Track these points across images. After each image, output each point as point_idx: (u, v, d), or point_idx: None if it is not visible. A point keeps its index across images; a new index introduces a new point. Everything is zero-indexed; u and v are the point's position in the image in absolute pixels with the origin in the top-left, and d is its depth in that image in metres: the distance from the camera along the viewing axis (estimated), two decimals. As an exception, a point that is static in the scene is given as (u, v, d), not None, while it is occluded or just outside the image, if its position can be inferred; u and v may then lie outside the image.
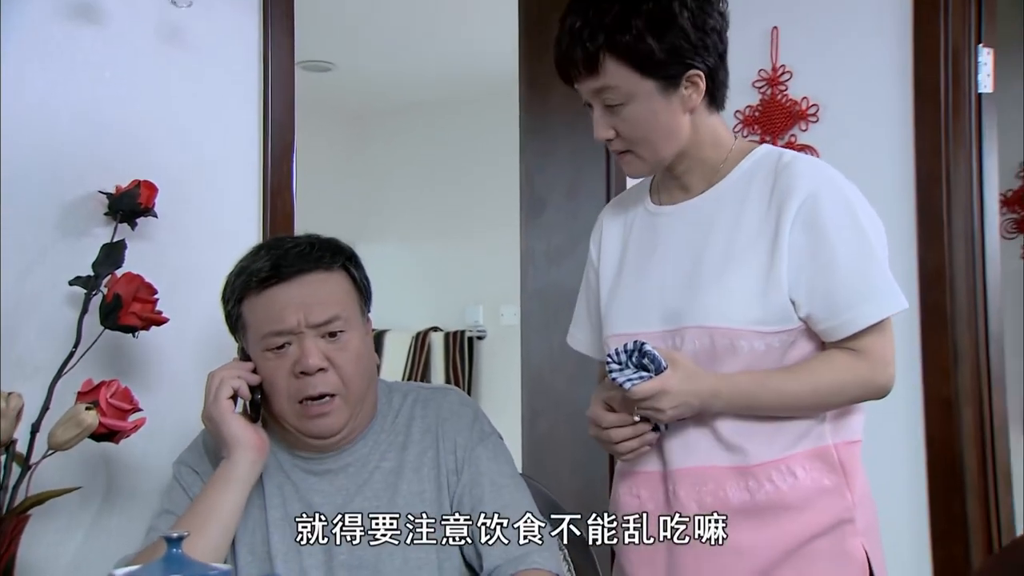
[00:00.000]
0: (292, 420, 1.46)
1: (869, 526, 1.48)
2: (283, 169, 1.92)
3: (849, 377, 1.42)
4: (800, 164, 1.46)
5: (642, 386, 1.38)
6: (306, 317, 1.43)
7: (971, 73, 2.30)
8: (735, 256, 1.45)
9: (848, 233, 1.41)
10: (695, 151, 1.50)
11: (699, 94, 1.45)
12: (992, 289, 2.31)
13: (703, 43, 1.42)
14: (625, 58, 1.40)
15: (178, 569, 1.04)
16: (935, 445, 2.26)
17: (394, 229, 5.26)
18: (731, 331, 1.42)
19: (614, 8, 1.40)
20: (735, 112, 2.58)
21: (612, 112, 1.45)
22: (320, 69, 4.69)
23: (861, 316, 1.40)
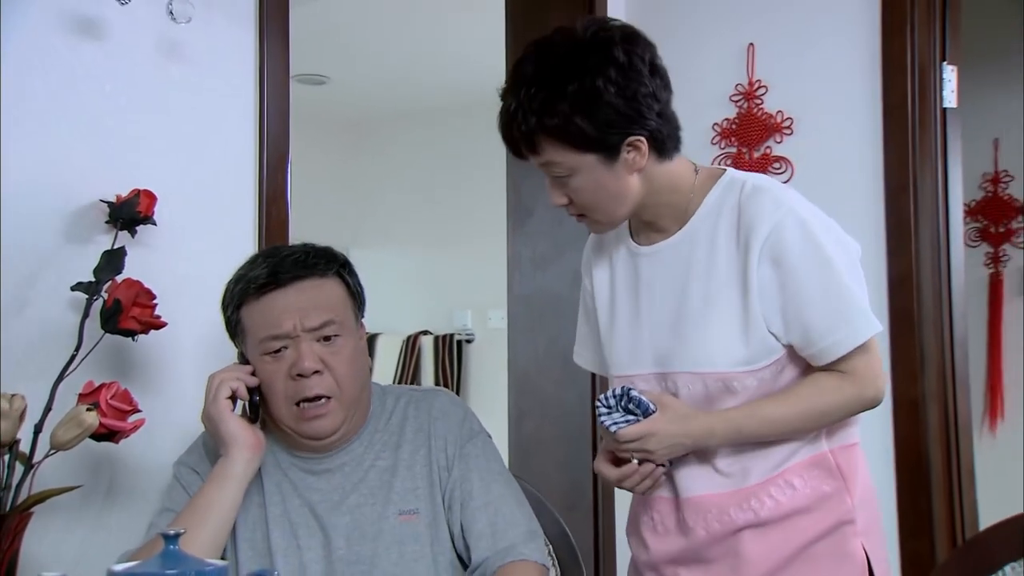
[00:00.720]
0: (289, 422, 1.49)
1: (870, 526, 1.50)
2: (278, 178, 1.95)
3: (837, 397, 1.43)
4: (761, 197, 1.44)
5: (627, 430, 1.41)
6: (302, 321, 1.47)
7: (936, 89, 2.35)
8: (712, 298, 1.45)
9: (813, 263, 1.40)
10: (655, 199, 1.48)
11: (643, 155, 1.42)
12: (957, 295, 2.37)
13: (636, 111, 1.39)
14: (559, 138, 1.39)
15: (175, 565, 1.06)
16: (903, 444, 2.30)
17: (386, 236, 5.30)
18: (721, 375, 1.44)
19: (541, 93, 1.37)
20: (713, 124, 2.65)
21: (561, 182, 1.44)
22: (315, 82, 4.75)
23: (836, 345, 1.41)
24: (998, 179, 3.88)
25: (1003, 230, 3.85)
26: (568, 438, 2.76)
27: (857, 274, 1.46)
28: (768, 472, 1.47)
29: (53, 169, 1.64)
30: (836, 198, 2.49)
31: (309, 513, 1.50)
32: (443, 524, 1.52)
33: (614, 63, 1.38)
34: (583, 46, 1.39)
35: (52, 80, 1.65)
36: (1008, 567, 1.13)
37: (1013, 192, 3.84)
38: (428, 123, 5.12)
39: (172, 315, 1.62)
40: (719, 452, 1.48)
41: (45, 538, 1.56)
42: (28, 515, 1.40)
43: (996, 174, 3.88)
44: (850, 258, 1.46)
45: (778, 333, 1.43)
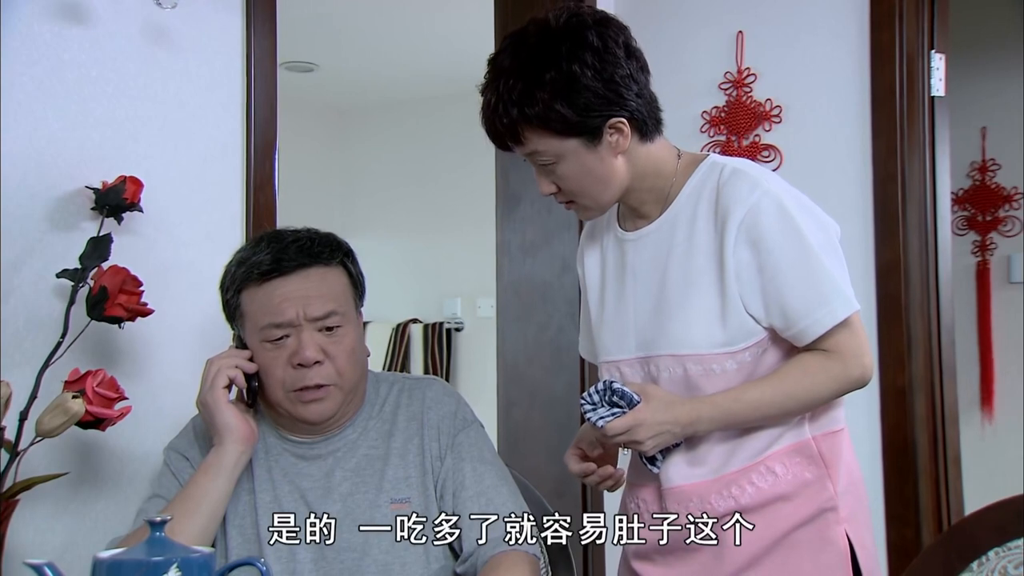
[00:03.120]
0: (287, 407, 1.49)
1: (854, 513, 1.50)
2: (266, 165, 1.95)
3: (823, 377, 1.43)
4: (738, 180, 1.45)
5: (614, 423, 1.41)
6: (305, 311, 1.46)
7: (924, 77, 2.37)
8: (692, 281, 1.46)
9: (789, 243, 1.41)
10: (639, 183, 1.49)
11: (625, 137, 1.44)
12: (944, 283, 2.38)
13: (615, 92, 1.40)
14: (541, 126, 1.40)
15: (161, 552, 1.07)
16: (890, 431, 2.32)
17: (375, 224, 5.29)
18: (701, 357, 1.45)
19: (520, 84, 1.39)
20: (702, 112, 2.65)
21: (548, 170, 1.46)
22: (303, 69, 4.74)
23: (816, 324, 1.41)
24: (986, 167, 3.89)
25: (990, 218, 3.87)
26: (557, 426, 2.76)
27: (836, 254, 1.46)
28: (749, 459, 1.48)
29: (38, 155, 1.63)
30: (825, 186, 2.51)
31: (299, 500, 1.50)
32: (435, 513, 1.51)
33: (589, 47, 1.39)
34: (557, 34, 1.40)
35: (37, 66, 1.64)
36: (992, 552, 1.14)
37: (1000, 180, 3.87)
38: (417, 111, 5.11)
39: (159, 302, 1.62)
40: (700, 441, 1.48)
41: (31, 526, 1.56)
42: (14, 503, 1.40)
43: (984, 162, 3.90)
44: (829, 238, 1.47)
45: (757, 315, 1.44)
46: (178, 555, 1.08)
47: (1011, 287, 3.83)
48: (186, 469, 1.51)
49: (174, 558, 1.07)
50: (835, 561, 1.46)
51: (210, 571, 1.09)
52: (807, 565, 1.46)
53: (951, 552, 1.18)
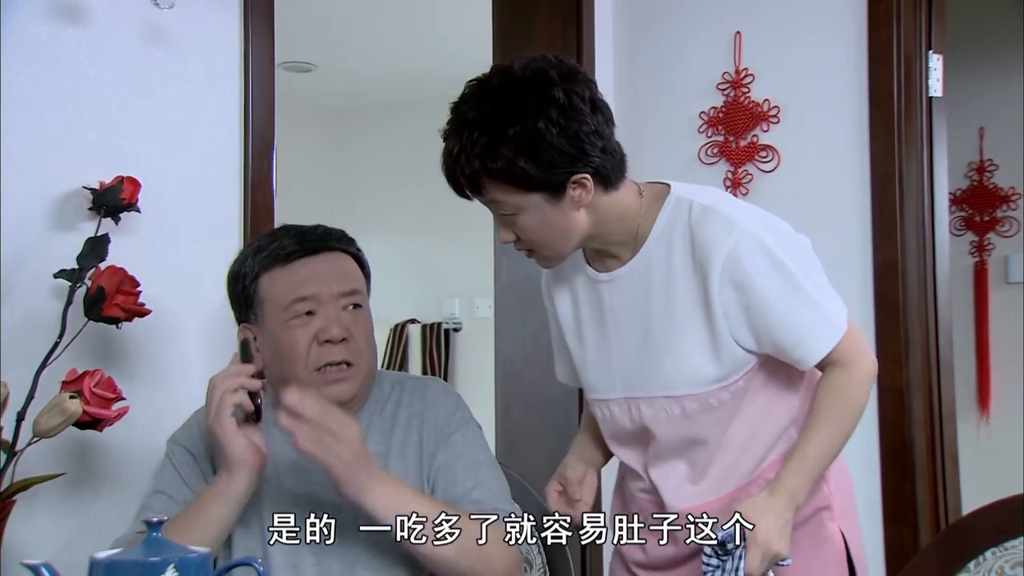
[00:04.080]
0: (309, 388, 1.45)
1: (845, 508, 1.55)
2: (263, 165, 1.95)
3: (852, 387, 1.45)
4: (711, 221, 1.44)
5: (750, 564, 1.35)
6: (331, 287, 1.50)
7: (922, 78, 2.37)
8: (678, 322, 1.47)
9: (775, 281, 1.42)
10: (603, 228, 1.48)
11: (588, 192, 1.42)
12: (942, 283, 2.39)
13: (580, 149, 1.38)
14: (503, 181, 1.39)
15: (158, 552, 1.07)
16: (887, 431, 2.33)
17: (373, 224, 5.28)
18: (697, 396, 1.48)
19: (484, 137, 1.37)
20: (699, 113, 2.65)
21: (508, 220, 1.45)
22: (302, 70, 4.74)
23: (810, 354, 1.45)
24: (983, 168, 3.89)
25: (988, 219, 3.87)
26: (554, 427, 2.76)
27: (815, 269, 1.48)
28: (747, 474, 1.51)
29: (35, 156, 1.63)
30: (822, 186, 2.52)
31: (305, 493, 1.50)
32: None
33: (555, 104, 1.37)
34: (522, 86, 1.38)
35: (35, 66, 1.64)
36: (989, 552, 1.14)
37: (998, 181, 3.87)
38: (415, 111, 5.10)
39: (156, 302, 1.62)
40: (698, 466, 1.51)
41: (28, 526, 1.55)
42: (11, 503, 1.39)
43: (981, 163, 3.90)
44: (806, 257, 1.48)
45: (750, 347, 1.46)
46: (175, 555, 1.08)
47: (1009, 287, 3.83)
48: (189, 463, 1.51)
49: (171, 558, 1.07)
50: (831, 556, 1.51)
51: (207, 571, 1.09)
52: (807, 564, 1.48)
53: (948, 552, 1.18)
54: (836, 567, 1.51)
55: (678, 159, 2.67)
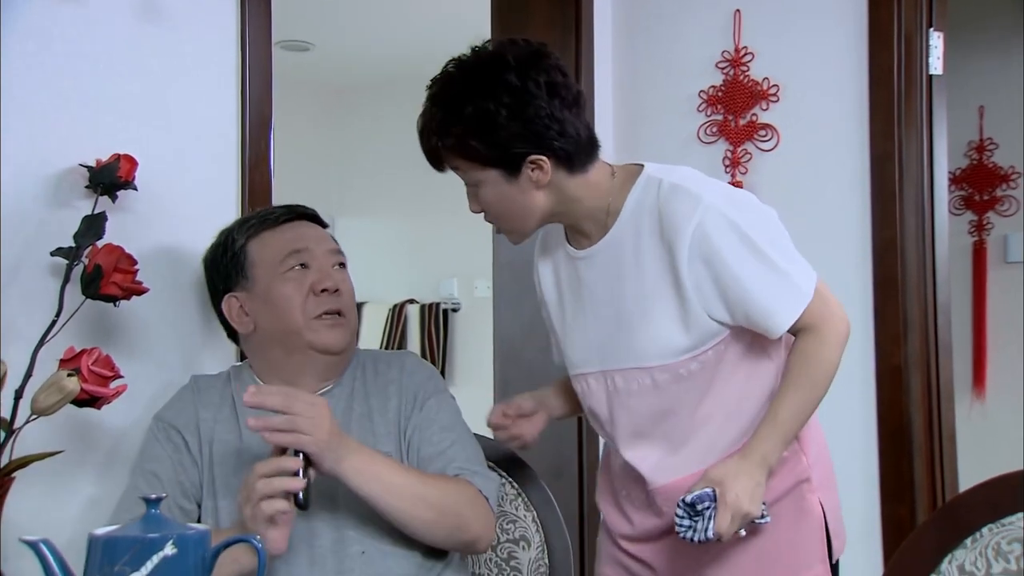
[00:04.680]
0: (307, 335, 1.54)
1: (824, 480, 1.59)
2: (261, 144, 1.94)
3: (823, 351, 1.48)
4: (678, 197, 1.48)
5: (719, 523, 1.40)
6: (323, 244, 1.61)
7: (922, 56, 2.36)
8: (648, 297, 1.51)
9: (742, 253, 1.45)
10: (568, 208, 1.53)
11: (546, 173, 1.46)
12: (941, 262, 2.39)
13: (533, 132, 1.43)
14: (458, 155, 1.48)
15: (157, 528, 1.07)
16: (886, 409, 2.34)
17: (372, 204, 5.28)
18: (667, 366, 1.52)
19: (439, 114, 1.47)
20: (699, 92, 2.64)
21: (472, 192, 1.53)
22: (300, 49, 4.71)
23: (778, 323, 1.48)
24: (983, 147, 3.88)
25: (987, 198, 3.87)
26: (553, 406, 2.76)
27: (780, 240, 1.51)
28: (727, 448, 1.53)
29: (31, 133, 1.62)
30: (821, 166, 2.51)
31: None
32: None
33: (506, 87, 1.42)
34: (479, 68, 1.46)
35: (29, 43, 1.63)
36: (985, 528, 1.14)
37: (998, 160, 3.86)
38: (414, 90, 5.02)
39: (154, 281, 1.62)
40: (680, 441, 1.54)
41: (27, 503, 1.55)
42: (9, 480, 1.40)
43: (981, 142, 3.89)
44: (772, 227, 1.51)
45: (723, 319, 1.49)
46: (174, 532, 1.08)
47: (1008, 267, 3.83)
48: (175, 440, 1.54)
49: (170, 534, 1.07)
50: (811, 527, 1.55)
51: (206, 548, 1.09)
52: (787, 533, 1.54)
53: (945, 528, 1.18)
54: (816, 538, 1.55)
55: (677, 138, 2.67)
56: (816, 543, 1.55)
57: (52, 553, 1.08)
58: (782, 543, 1.53)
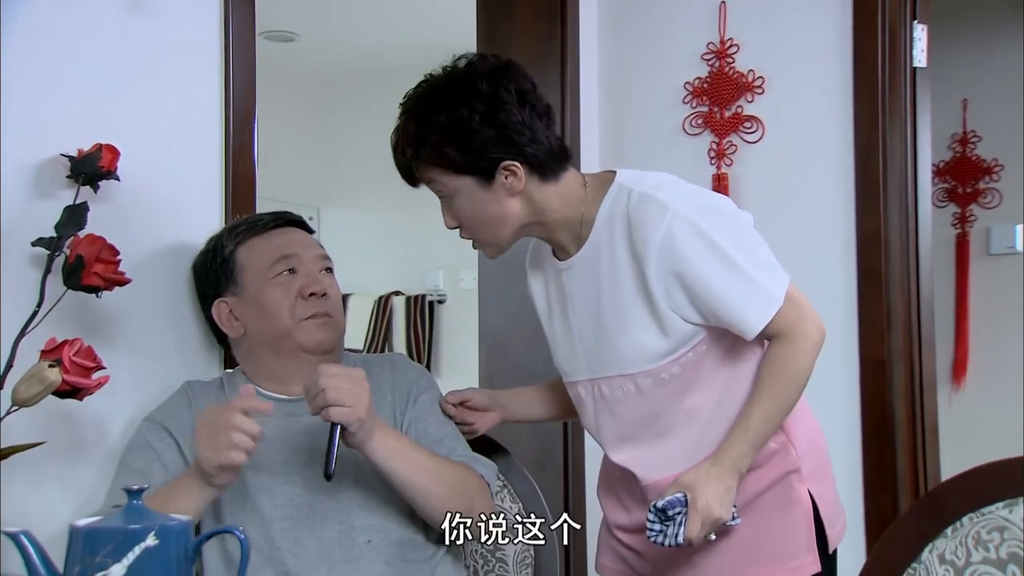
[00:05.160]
0: (297, 336, 1.60)
1: (816, 471, 1.60)
2: (244, 135, 1.93)
3: (795, 357, 1.50)
4: (646, 206, 1.50)
5: (690, 528, 1.43)
6: (310, 250, 1.67)
7: (907, 48, 2.37)
8: (624, 307, 1.53)
9: (709, 259, 1.47)
10: (543, 218, 1.55)
11: (519, 179, 1.50)
12: (924, 255, 2.40)
13: (505, 138, 1.47)
14: (434, 164, 1.51)
15: (139, 520, 1.08)
16: (869, 401, 2.35)
17: (357, 196, 5.26)
18: (649, 372, 1.54)
19: (412, 125, 1.52)
20: (684, 84, 2.65)
21: (447, 204, 1.56)
22: (284, 39, 4.69)
23: (750, 327, 1.49)
24: (966, 139, 3.91)
25: (970, 191, 3.89)
26: (538, 398, 2.76)
27: (753, 247, 1.52)
28: (716, 443, 1.54)
29: (12, 123, 1.59)
30: (806, 158, 2.52)
31: (292, 450, 1.56)
32: None
33: (477, 94, 1.47)
34: (452, 80, 1.51)
35: (10, 31, 1.61)
36: (966, 518, 1.15)
37: (981, 152, 3.88)
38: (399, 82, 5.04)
39: (136, 271, 1.60)
40: (669, 437, 1.56)
41: (9, 495, 1.53)
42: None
43: (965, 134, 3.91)
44: (743, 234, 1.53)
45: (696, 321, 1.52)
46: (156, 523, 1.08)
47: (990, 259, 3.86)
48: (165, 438, 1.54)
49: (152, 526, 1.07)
50: (799, 517, 1.56)
51: (188, 539, 1.09)
52: (774, 523, 1.56)
53: (926, 518, 1.19)
54: (804, 528, 1.56)
55: (663, 130, 2.67)
56: (803, 533, 1.56)
57: (32, 544, 1.08)
58: (769, 532, 1.55)
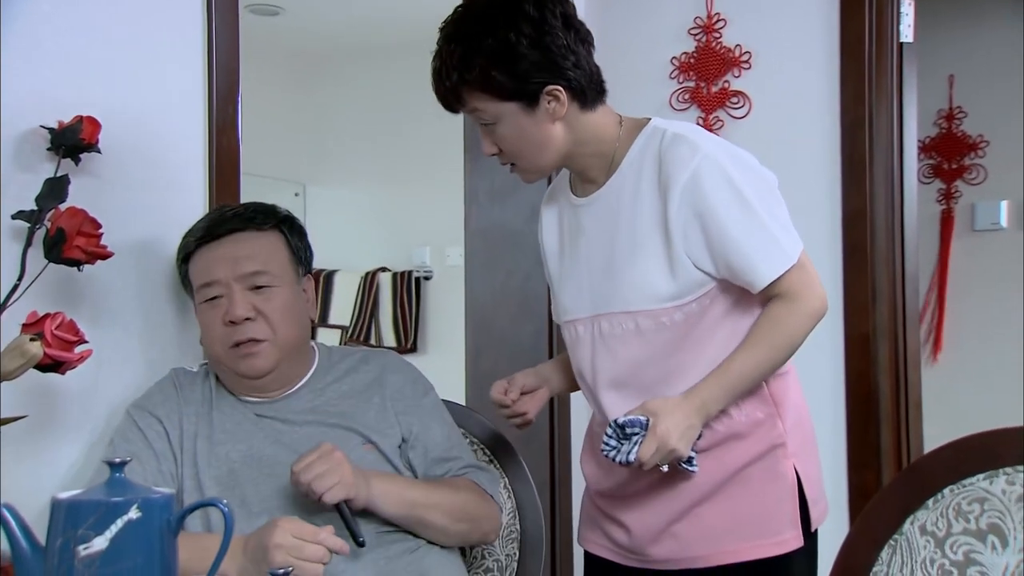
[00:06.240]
0: (227, 363, 1.57)
1: (801, 447, 1.60)
2: (228, 109, 1.91)
3: (791, 320, 1.51)
4: (678, 145, 1.52)
5: (643, 449, 1.43)
6: (233, 270, 1.56)
7: (894, 23, 2.36)
8: (639, 242, 1.54)
9: (731, 204, 1.49)
10: (580, 149, 1.57)
11: (562, 104, 1.51)
12: (909, 231, 2.41)
13: (551, 61, 1.48)
14: (479, 89, 1.50)
15: (121, 492, 1.06)
16: (854, 377, 2.37)
17: (343, 172, 5.23)
18: (652, 312, 1.54)
19: (460, 49, 1.49)
20: (671, 59, 2.64)
21: (488, 130, 1.55)
22: (269, 12, 4.64)
23: (760, 277, 1.49)
24: (952, 115, 3.91)
25: (956, 167, 3.90)
26: (525, 373, 2.77)
27: (776, 203, 1.55)
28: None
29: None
30: (793, 133, 2.52)
31: (276, 444, 1.55)
32: (397, 458, 1.59)
33: (525, 17, 1.47)
34: (496, 2, 1.50)
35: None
36: (947, 489, 1.16)
37: (967, 128, 3.89)
38: (385, 58, 5.04)
39: (119, 245, 1.59)
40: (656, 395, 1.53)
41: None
42: (-28, 446, 1.38)
43: (950, 110, 3.91)
44: (768, 189, 1.55)
45: (708, 270, 1.52)
46: (139, 495, 1.06)
47: (975, 235, 3.88)
48: (154, 426, 1.56)
49: (134, 499, 1.05)
50: (783, 492, 1.56)
51: (171, 512, 1.08)
52: (758, 497, 1.55)
53: (908, 490, 1.20)
54: (788, 502, 1.56)
55: (650, 105, 2.66)
56: (788, 508, 1.56)
57: (15, 518, 1.07)
58: (753, 506, 1.55)
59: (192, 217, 1.75)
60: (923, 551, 1.16)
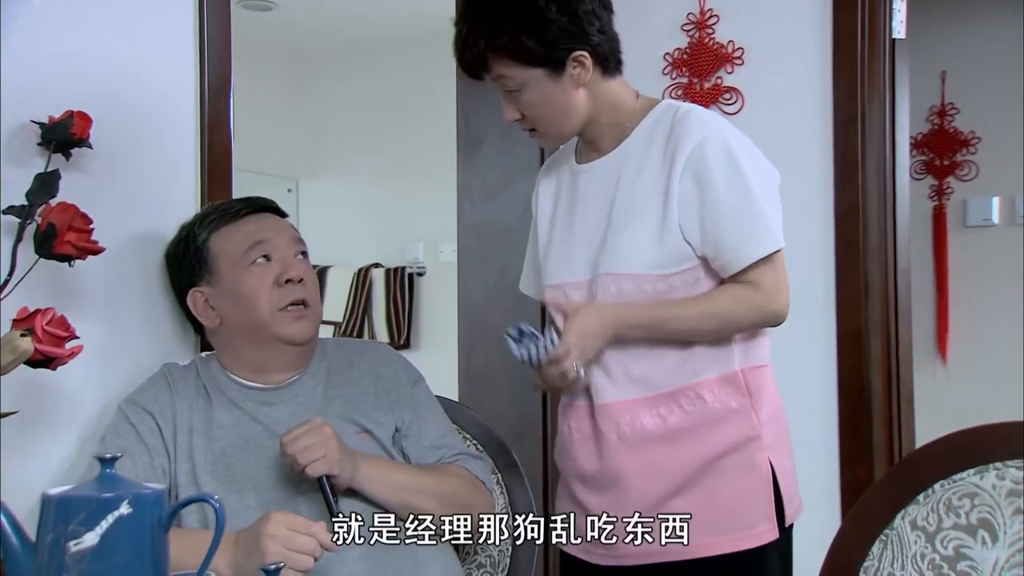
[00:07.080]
0: (273, 327, 1.57)
1: (776, 442, 1.61)
2: (220, 105, 1.91)
3: (743, 304, 1.53)
4: (692, 117, 1.56)
5: (555, 351, 1.49)
6: (284, 235, 1.63)
7: (886, 19, 2.37)
8: (636, 206, 1.56)
9: (730, 179, 1.51)
10: (598, 116, 1.60)
11: (587, 71, 1.55)
12: (902, 227, 2.41)
13: (578, 27, 1.52)
14: (507, 56, 1.52)
15: (112, 488, 1.05)
16: (846, 372, 2.37)
17: (336, 167, 5.23)
18: (635, 276, 1.54)
19: (487, 16, 1.52)
20: (664, 55, 2.63)
21: (513, 96, 1.57)
22: (262, 8, 4.63)
23: (743, 256, 1.52)
24: (944, 112, 3.92)
25: (948, 163, 3.90)
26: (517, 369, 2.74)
27: (772, 196, 1.57)
28: (679, 383, 1.57)
29: (-19, 89, 1.58)
30: (785, 129, 2.52)
31: (272, 436, 1.54)
32: (390, 446, 1.60)
33: None
34: None
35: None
36: (937, 484, 1.16)
37: (959, 125, 3.89)
38: (380, 54, 5.04)
39: (110, 241, 1.58)
40: (634, 364, 1.57)
41: (-19, 465, 1.54)
42: (-37, 442, 1.38)
43: (943, 107, 3.92)
44: (768, 182, 1.57)
45: (694, 242, 1.53)
46: (129, 491, 1.06)
47: (967, 231, 3.88)
48: (147, 421, 1.55)
49: (125, 494, 1.05)
50: (758, 485, 1.57)
51: (162, 507, 1.08)
52: (733, 489, 1.56)
53: (899, 486, 1.21)
54: (763, 495, 1.57)
55: (642, 101, 2.66)
56: (763, 501, 1.57)
57: (4, 514, 1.07)
58: (729, 498, 1.56)
59: (183, 213, 1.75)
60: (914, 546, 1.16)
